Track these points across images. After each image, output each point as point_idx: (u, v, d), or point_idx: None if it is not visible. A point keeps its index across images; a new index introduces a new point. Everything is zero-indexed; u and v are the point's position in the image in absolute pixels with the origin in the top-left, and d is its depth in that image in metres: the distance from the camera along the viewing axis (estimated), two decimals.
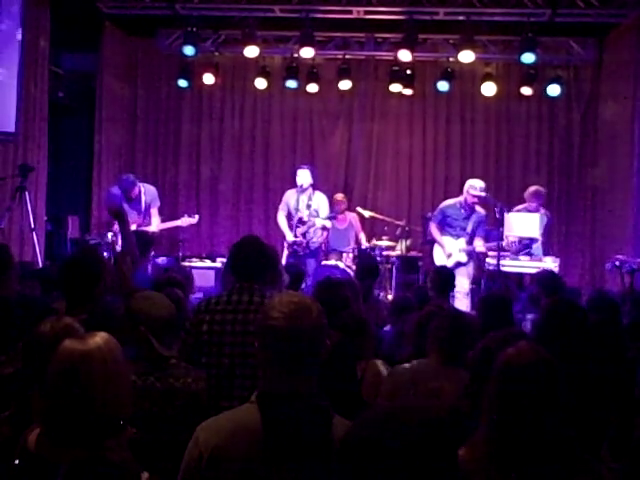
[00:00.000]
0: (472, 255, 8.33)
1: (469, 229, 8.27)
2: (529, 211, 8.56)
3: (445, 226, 8.39)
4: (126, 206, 8.26)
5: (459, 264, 8.18)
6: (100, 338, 2.24)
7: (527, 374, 2.18)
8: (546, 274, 6.29)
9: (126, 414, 2.24)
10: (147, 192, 8.48)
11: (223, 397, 3.27)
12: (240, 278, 3.60)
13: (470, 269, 8.32)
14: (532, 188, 8.80)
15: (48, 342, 2.52)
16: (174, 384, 2.91)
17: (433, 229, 8.48)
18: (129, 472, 2.15)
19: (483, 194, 8.18)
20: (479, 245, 8.20)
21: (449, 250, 8.27)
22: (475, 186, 8.23)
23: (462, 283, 8.03)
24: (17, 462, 2.17)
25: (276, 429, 1.97)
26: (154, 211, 8.51)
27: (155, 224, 8.44)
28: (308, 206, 8.57)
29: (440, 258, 8.35)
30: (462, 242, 8.24)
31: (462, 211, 8.29)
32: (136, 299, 3.11)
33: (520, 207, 8.71)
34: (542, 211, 8.65)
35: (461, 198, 8.35)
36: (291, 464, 1.95)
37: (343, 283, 4.51)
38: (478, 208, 8.32)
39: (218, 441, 1.99)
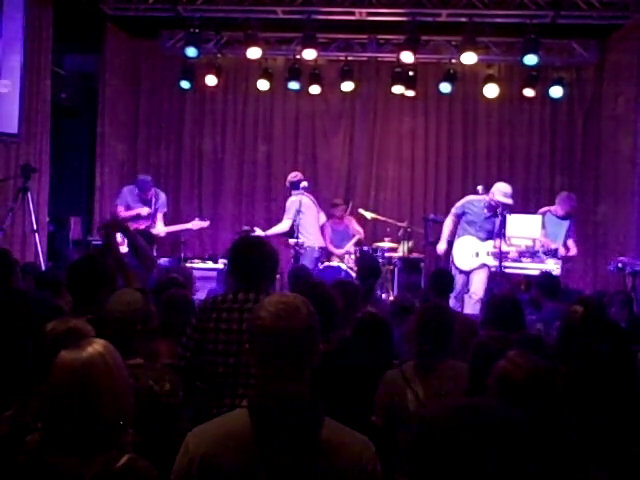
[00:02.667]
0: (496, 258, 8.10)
1: (493, 229, 8.12)
2: (556, 217, 8.43)
3: (463, 223, 8.27)
4: (140, 205, 8.77)
5: (484, 266, 8.07)
6: (99, 345, 2.22)
7: (524, 388, 2.17)
8: (544, 276, 6.29)
9: (131, 416, 2.22)
10: (158, 197, 8.92)
11: (226, 395, 3.27)
12: (241, 284, 3.47)
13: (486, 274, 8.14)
14: (561, 194, 8.67)
15: (51, 343, 2.52)
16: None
17: (448, 222, 8.32)
18: (153, 476, 2.14)
19: (510, 201, 8.06)
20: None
21: (476, 249, 8.12)
22: (502, 191, 8.10)
23: (478, 288, 7.95)
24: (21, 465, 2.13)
25: (266, 434, 1.93)
26: (159, 216, 8.91)
27: (160, 227, 8.85)
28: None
29: (461, 258, 8.19)
30: (490, 244, 8.08)
31: (485, 211, 8.18)
32: (113, 295, 3.21)
33: (543, 209, 8.64)
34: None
35: (487, 198, 8.20)
36: (282, 469, 1.92)
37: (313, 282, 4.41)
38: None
39: (207, 448, 1.96)
